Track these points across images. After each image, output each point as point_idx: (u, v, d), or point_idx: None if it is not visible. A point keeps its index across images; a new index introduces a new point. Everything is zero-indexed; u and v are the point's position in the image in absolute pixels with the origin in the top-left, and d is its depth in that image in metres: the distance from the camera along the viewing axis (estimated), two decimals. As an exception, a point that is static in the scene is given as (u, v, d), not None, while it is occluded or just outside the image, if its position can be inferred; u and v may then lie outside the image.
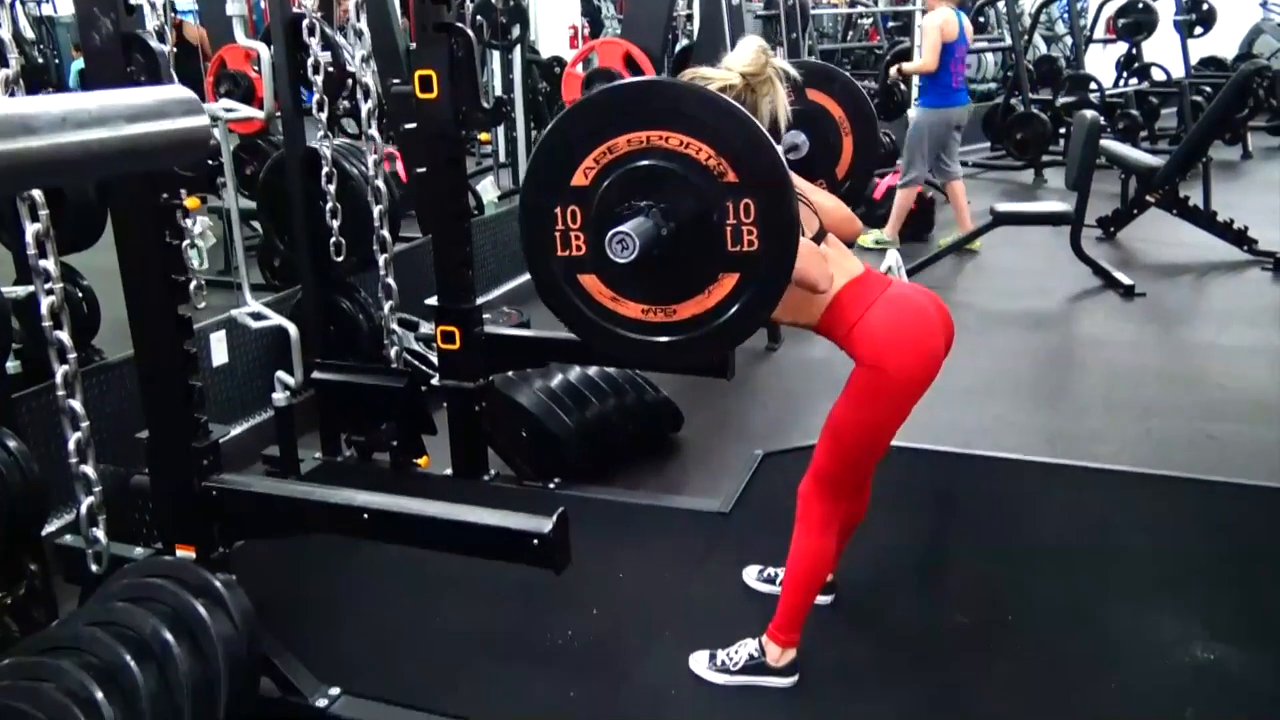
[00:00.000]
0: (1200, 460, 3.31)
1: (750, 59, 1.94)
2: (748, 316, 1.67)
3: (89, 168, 0.95)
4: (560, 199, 1.68)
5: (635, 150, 1.62)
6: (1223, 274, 5.66)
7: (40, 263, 2.07)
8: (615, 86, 1.69)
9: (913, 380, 1.96)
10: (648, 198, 1.62)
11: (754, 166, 1.58)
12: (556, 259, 1.71)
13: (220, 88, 4.23)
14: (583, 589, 2.48)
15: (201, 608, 1.92)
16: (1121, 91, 9.31)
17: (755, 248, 1.60)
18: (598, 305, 1.73)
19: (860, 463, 2.10)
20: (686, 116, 1.58)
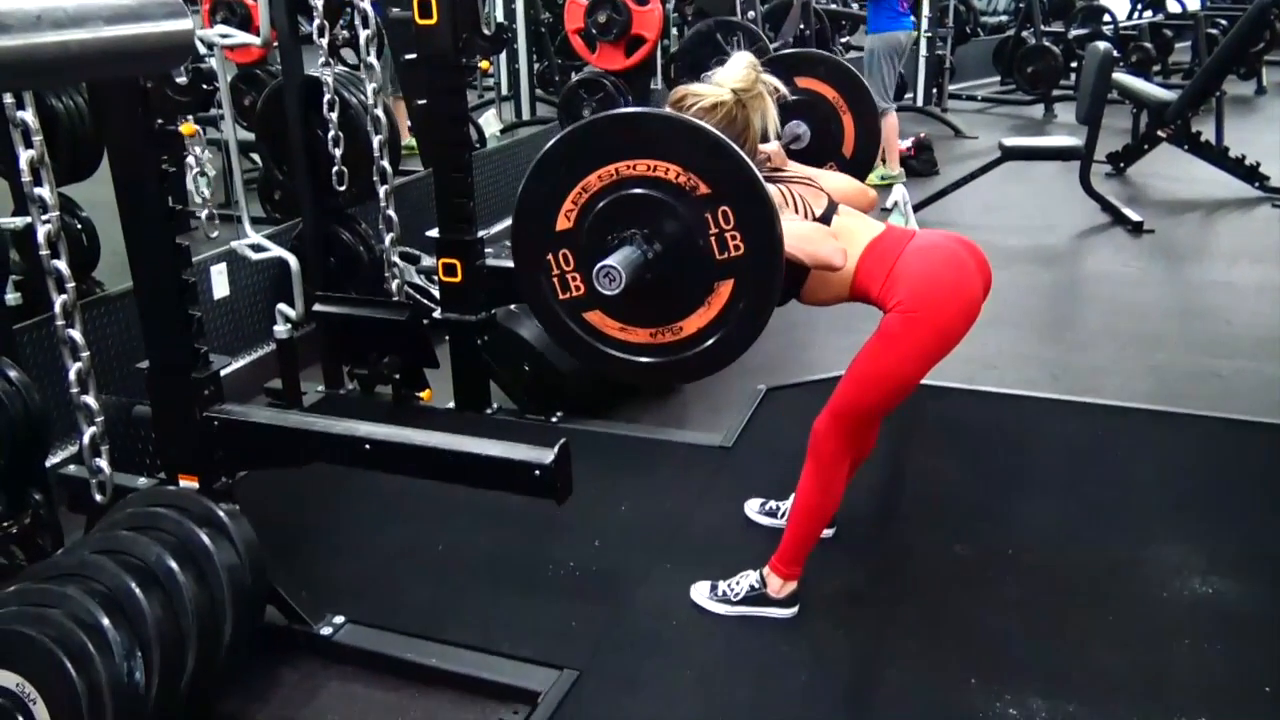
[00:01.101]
0: (1205, 396, 3.30)
1: (741, 75, 1.98)
2: (752, 316, 1.70)
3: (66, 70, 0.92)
4: (550, 246, 1.73)
5: (608, 184, 1.66)
6: (1233, 210, 5.60)
7: (35, 190, 2.04)
8: (571, 131, 1.73)
9: (948, 326, 1.95)
10: (630, 226, 1.66)
11: (722, 174, 1.61)
12: (560, 303, 1.77)
13: (216, 15, 4.15)
14: (585, 520, 2.50)
15: (206, 536, 1.93)
16: (1136, 24, 9.14)
17: (742, 251, 1.64)
18: (607, 338, 1.78)
19: (884, 407, 2.10)
20: (648, 141, 1.62)
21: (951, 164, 6.46)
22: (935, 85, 8.23)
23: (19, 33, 0.81)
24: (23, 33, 0.81)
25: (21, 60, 0.83)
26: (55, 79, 1.32)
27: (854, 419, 2.07)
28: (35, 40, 0.83)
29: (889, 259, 1.96)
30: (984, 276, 2.04)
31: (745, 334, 1.72)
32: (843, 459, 2.09)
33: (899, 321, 1.92)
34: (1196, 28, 8.82)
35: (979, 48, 9.40)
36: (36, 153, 2.04)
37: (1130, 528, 2.50)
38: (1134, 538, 2.46)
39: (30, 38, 0.82)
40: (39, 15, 0.82)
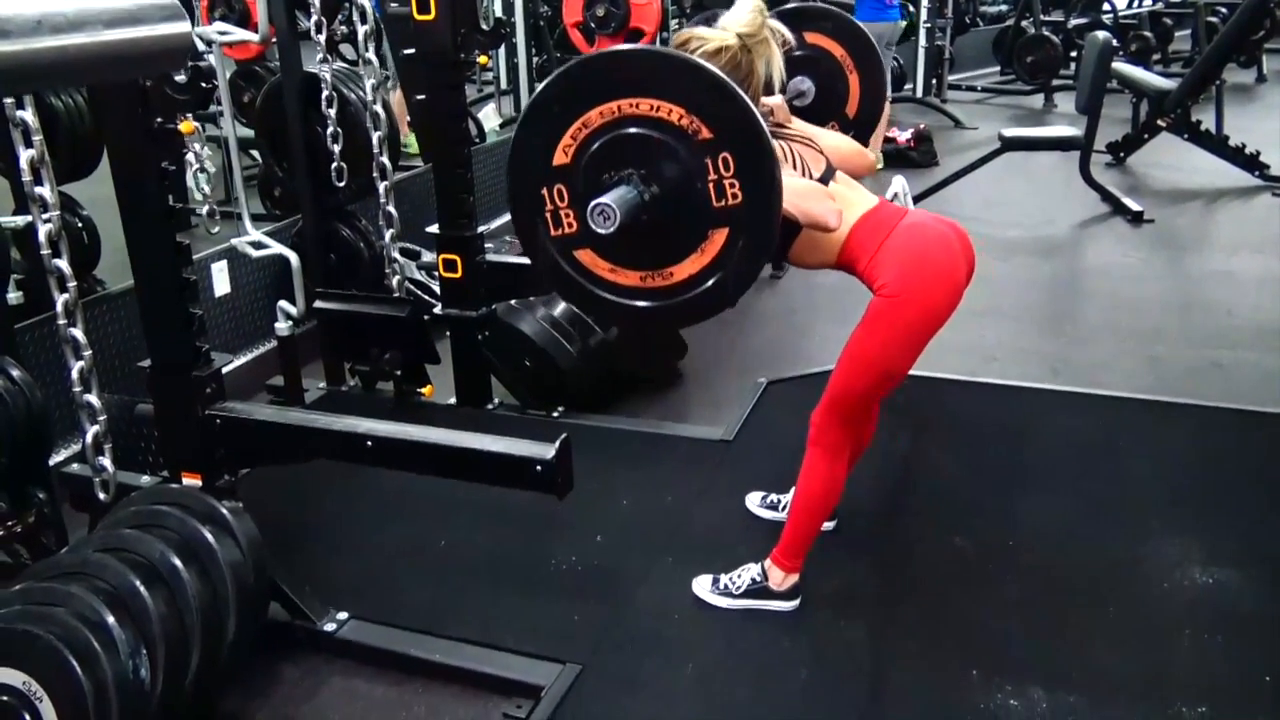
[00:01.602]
0: (1206, 387, 3.31)
1: (747, 20, 1.94)
2: (743, 268, 1.68)
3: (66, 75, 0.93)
4: (545, 180, 1.69)
5: (609, 121, 1.63)
6: (1233, 199, 5.60)
7: (36, 189, 2.04)
8: (576, 62, 1.70)
9: (934, 308, 1.95)
10: (628, 166, 1.63)
11: (726, 120, 1.58)
12: (551, 239, 1.73)
13: (215, 11, 4.15)
14: (586, 515, 2.51)
15: (209, 534, 1.93)
16: (1135, 12, 9.12)
17: (739, 200, 1.61)
18: (596, 278, 1.75)
19: (876, 391, 2.10)
20: (653, 81, 1.59)
21: (951, 155, 6.46)
22: (935, 76, 8.22)
23: (19, 38, 0.81)
24: (23, 38, 0.82)
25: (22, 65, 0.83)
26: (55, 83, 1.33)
27: (849, 405, 2.07)
28: (35, 45, 0.83)
29: (880, 234, 1.96)
30: (968, 260, 2.05)
31: (736, 285, 1.70)
32: (842, 449, 2.10)
33: (885, 304, 1.93)
34: (1196, 16, 8.81)
35: (978, 38, 9.38)
36: (37, 152, 2.04)
37: (1131, 521, 2.51)
38: (1134, 531, 2.46)
39: (30, 43, 0.82)
40: (39, 20, 0.83)
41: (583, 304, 1.81)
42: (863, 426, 2.26)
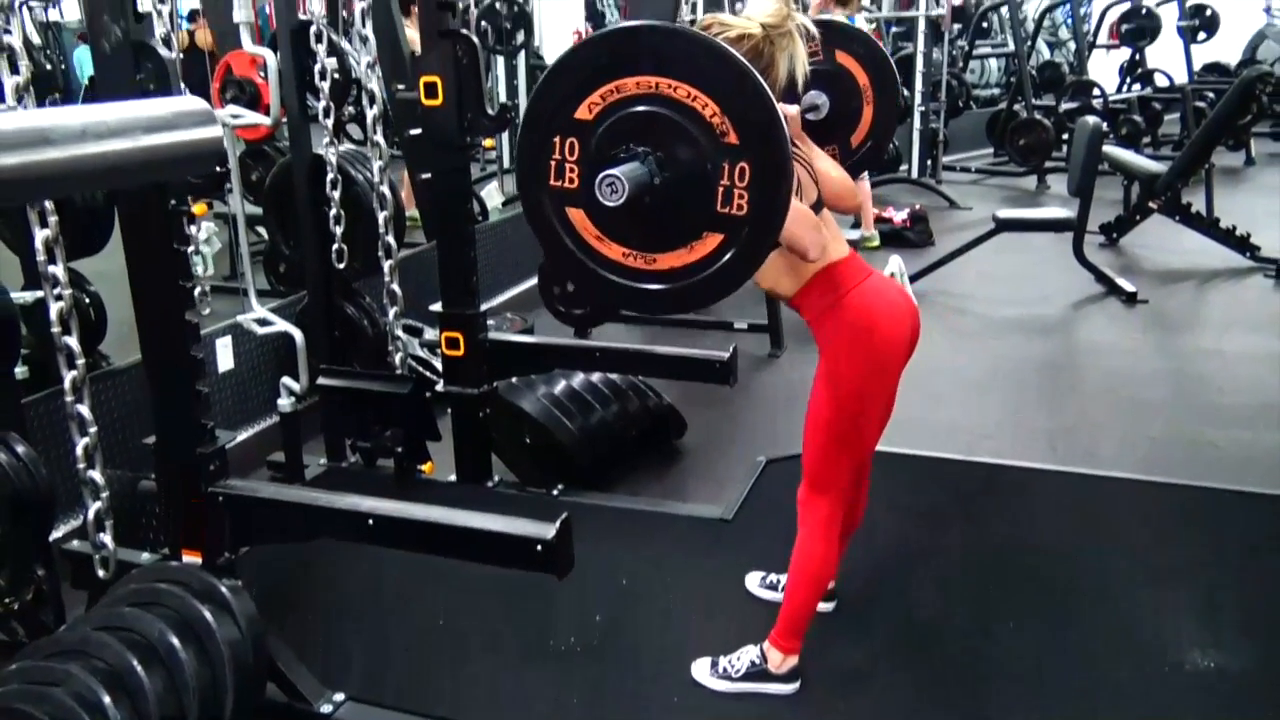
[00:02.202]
0: (1202, 465, 3.32)
1: (772, 10, 1.90)
2: (724, 278, 1.65)
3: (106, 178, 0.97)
4: (561, 129, 1.65)
5: (642, 94, 1.59)
6: (1225, 280, 5.67)
7: (49, 269, 2.08)
8: (635, 26, 1.64)
9: (871, 376, 2.00)
10: (645, 144, 1.60)
11: (757, 133, 1.56)
12: (548, 188, 1.69)
13: (226, 94, 4.24)
14: (586, 595, 2.50)
15: (207, 613, 1.93)
16: (1125, 97, 9.31)
17: (743, 212, 1.59)
18: (581, 240, 1.71)
19: (843, 455, 2.09)
20: (701, 70, 1.56)
21: (947, 235, 6.55)
22: (929, 157, 8.36)
23: (65, 145, 0.86)
24: (68, 145, 0.86)
25: (67, 171, 0.87)
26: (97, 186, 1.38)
27: (826, 475, 2.09)
28: (80, 152, 0.87)
29: (840, 289, 1.99)
30: (914, 334, 2.09)
31: (712, 291, 1.68)
32: (830, 525, 2.10)
33: (829, 366, 2.00)
34: (1184, 101, 9.00)
35: (971, 120, 9.57)
36: (52, 232, 2.09)
37: (1130, 602, 2.50)
38: (1134, 612, 2.46)
39: (75, 149, 0.87)
40: (83, 129, 0.87)
41: (557, 256, 1.74)
42: (848, 500, 2.24)
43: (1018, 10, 8.96)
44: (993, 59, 11.36)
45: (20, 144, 0.83)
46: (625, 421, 3.36)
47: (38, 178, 0.86)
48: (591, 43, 1.66)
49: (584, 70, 1.62)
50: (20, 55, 2.09)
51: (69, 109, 0.95)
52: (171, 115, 1.03)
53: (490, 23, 6.61)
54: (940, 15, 8.08)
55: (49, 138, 0.84)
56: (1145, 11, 9.41)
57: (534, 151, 1.68)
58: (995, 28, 11.34)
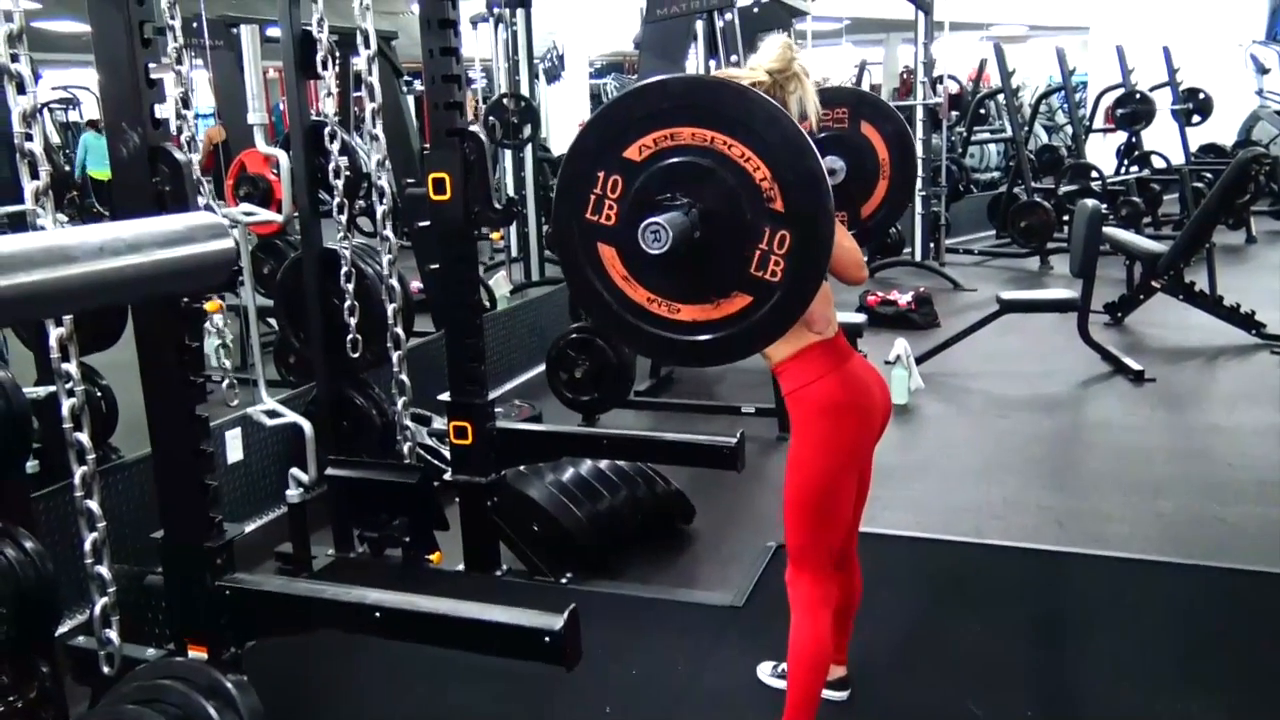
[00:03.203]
0: (1211, 542, 3.29)
1: (776, 55, 1.95)
2: (745, 340, 1.67)
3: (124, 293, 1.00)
4: (607, 164, 1.65)
5: (695, 145, 1.60)
6: (1231, 357, 5.68)
7: (63, 365, 2.12)
8: (702, 79, 1.69)
9: (839, 453, 2.02)
10: (690, 195, 1.61)
11: (804, 205, 1.57)
12: (583, 220, 1.69)
13: (240, 190, 4.35)
14: (594, 685, 2.47)
15: (212, 709, 1.91)
16: (1123, 179, 9.45)
17: (777, 279, 1.60)
18: (607, 279, 1.71)
19: (824, 533, 2.09)
20: (759, 134, 1.57)
21: (951, 316, 6.59)
22: (932, 240, 8.47)
23: (84, 262, 0.89)
24: (87, 261, 0.89)
25: (86, 287, 0.91)
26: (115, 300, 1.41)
27: (805, 555, 2.08)
28: (98, 268, 0.91)
29: (820, 368, 2.01)
30: (884, 413, 2.12)
31: (730, 350, 1.68)
32: (822, 604, 2.09)
33: (797, 441, 2.02)
34: (1182, 182, 9.13)
35: (973, 204, 9.72)
36: (66, 330, 2.13)
37: (1147, 685, 2.46)
38: (1151, 693, 2.41)
39: (94, 266, 0.90)
40: (101, 246, 0.91)
41: (579, 288, 1.75)
42: (837, 579, 2.21)
43: (1014, 97, 9.15)
44: (991, 144, 11.58)
45: (43, 262, 0.86)
46: (633, 508, 3.36)
47: (60, 293, 0.89)
48: (656, 86, 1.67)
49: (643, 111, 1.64)
50: (41, 160, 2.16)
51: (88, 228, 0.98)
52: (186, 230, 1.07)
53: (498, 117, 6.79)
54: (938, 104, 8.26)
55: (69, 255, 0.88)
56: (1139, 96, 9.60)
57: (575, 182, 1.70)
58: (993, 113, 11.58)
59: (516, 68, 7.11)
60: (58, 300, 0.91)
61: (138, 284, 0.97)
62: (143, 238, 0.96)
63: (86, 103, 9.77)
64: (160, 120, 1.98)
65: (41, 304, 0.90)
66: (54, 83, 10.05)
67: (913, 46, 8.22)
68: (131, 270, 0.93)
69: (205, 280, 1.13)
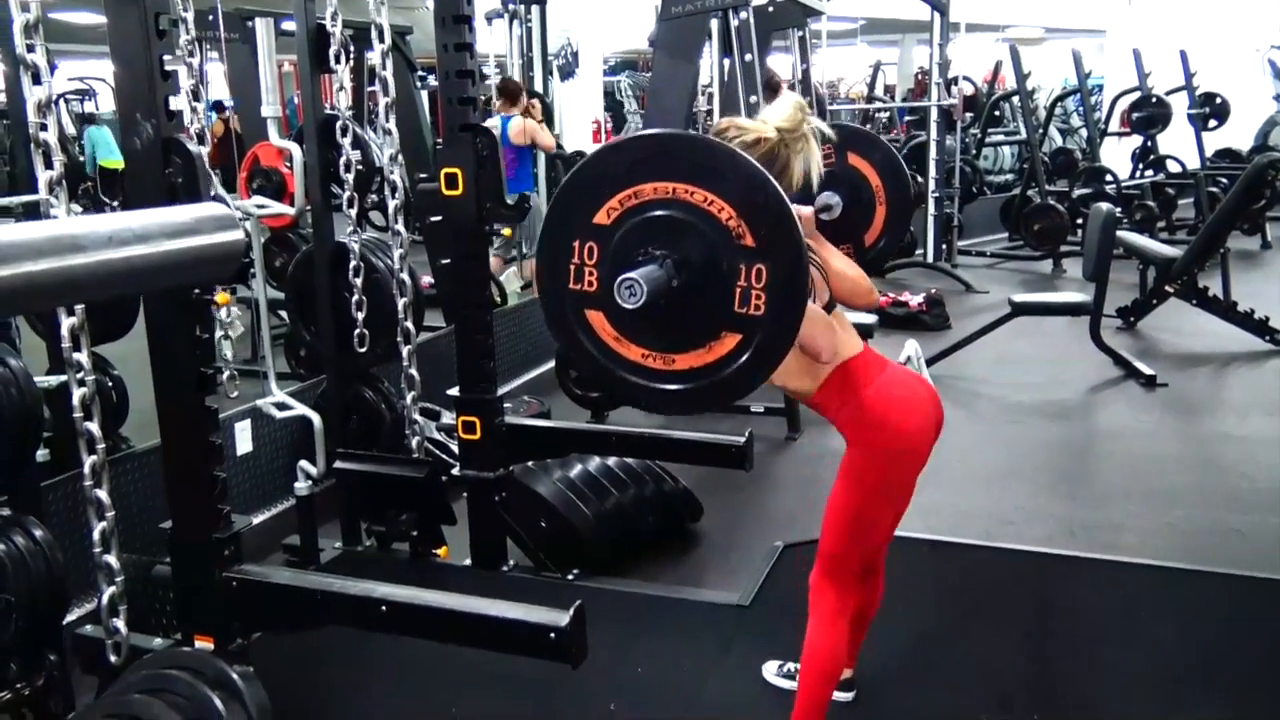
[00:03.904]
0: (1224, 551, 3.27)
1: (788, 115, 1.94)
2: (743, 377, 1.67)
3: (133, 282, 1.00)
4: (580, 234, 1.69)
5: (659, 199, 1.63)
6: (1244, 364, 5.64)
7: (74, 355, 2.12)
8: (652, 134, 1.70)
9: (894, 469, 2.00)
10: (663, 247, 1.64)
11: (774, 236, 1.59)
12: (568, 291, 1.72)
13: (253, 183, 4.35)
14: (601, 683, 2.46)
15: (218, 700, 1.91)
16: (1138, 183, 9.40)
17: (761, 313, 1.61)
18: (600, 342, 1.74)
19: (861, 545, 2.09)
20: (716, 175, 1.60)
21: (963, 318, 6.56)
22: (944, 242, 8.44)
23: (93, 251, 0.89)
24: (96, 251, 0.89)
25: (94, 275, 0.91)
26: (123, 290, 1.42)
27: (840, 562, 2.07)
28: (107, 257, 0.91)
29: (857, 386, 1.99)
30: (937, 424, 2.08)
31: (731, 390, 1.69)
32: (843, 611, 2.08)
33: (855, 455, 1.98)
34: (1198, 187, 9.07)
35: (986, 206, 9.67)
36: (78, 320, 2.13)
37: (1159, 693, 2.45)
38: (1164, 704, 2.40)
39: (103, 255, 0.90)
40: (110, 236, 0.91)
41: (579, 359, 1.78)
42: (862, 587, 2.23)
43: (1029, 99, 9.11)
44: (1006, 146, 11.52)
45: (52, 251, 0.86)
46: (641, 506, 3.35)
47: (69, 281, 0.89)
48: (609, 150, 1.71)
49: (603, 177, 1.68)
50: (55, 150, 2.16)
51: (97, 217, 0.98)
52: (194, 221, 1.07)
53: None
54: (953, 105, 8.23)
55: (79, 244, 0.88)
56: (1156, 100, 9.54)
57: (554, 256, 1.73)
58: (1007, 116, 11.53)
59: (531, 64, 7.10)
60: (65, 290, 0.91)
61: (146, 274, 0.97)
62: (151, 228, 0.96)
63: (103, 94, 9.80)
64: (174, 112, 1.98)
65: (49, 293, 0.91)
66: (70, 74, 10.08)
67: (928, 47, 8.18)
68: (140, 260, 0.93)
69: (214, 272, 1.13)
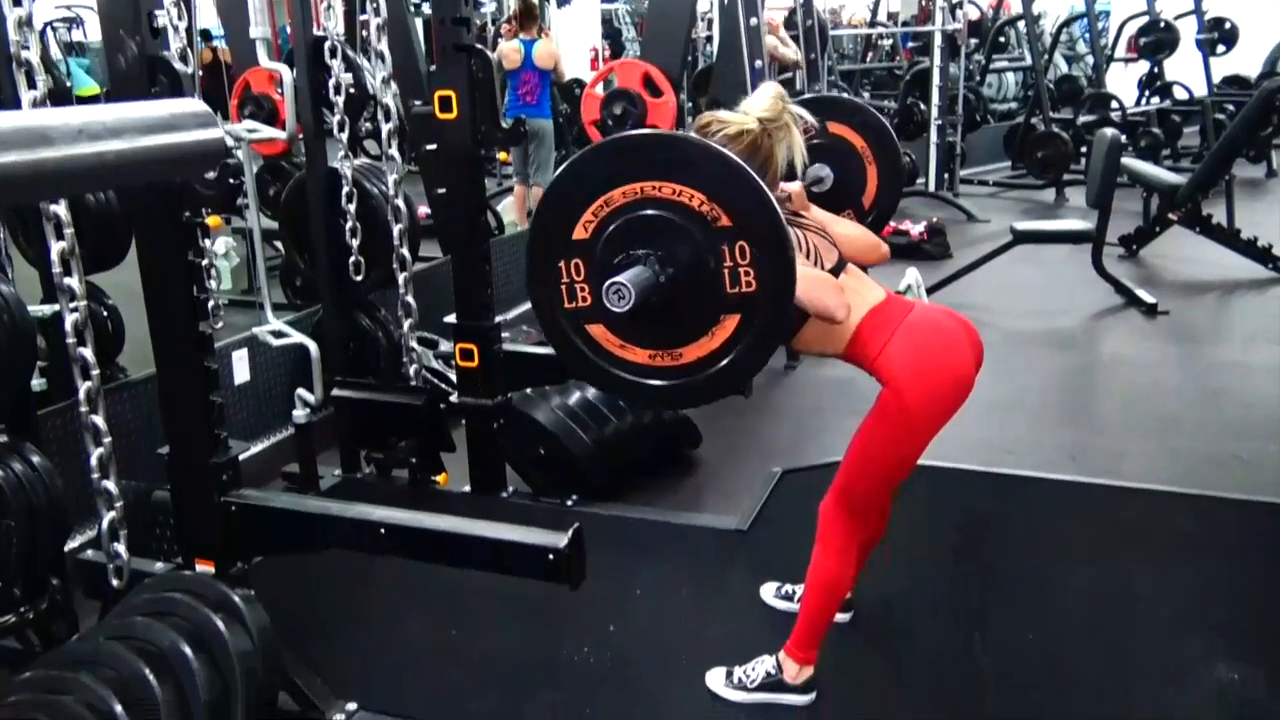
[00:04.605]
0: (1226, 479, 3.27)
1: (768, 104, 1.97)
2: (753, 354, 1.69)
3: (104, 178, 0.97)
4: (563, 253, 1.71)
5: (631, 201, 1.65)
6: (1247, 291, 5.61)
7: (65, 280, 2.09)
8: (605, 143, 1.73)
9: (941, 402, 1.96)
10: (645, 246, 1.66)
11: (746, 209, 1.61)
12: (564, 311, 1.75)
13: (244, 110, 4.28)
14: (600, 606, 2.48)
15: (220, 622, 1.93)
16: (1143, 110, 9.27)
17: (753, 288, 1.63)
18: (606, 353, 1.76)
19: (885, 483, 2.09)
20: (678, 166, 1.62)
21: (964, 248, 6.52)
22: (946, 170, 8.35)
23: (62, 145, 0.86)
24: (65, 145, 0.86)
25: (64, 170, 0.88)
26: (95, 186, 1.38)
27: (858, 498, 2.06)
28: (76, 151, 0.88)
29: (888, 329, 1.97)
30: (976, 354, 2.06)
31: (743, 371, 1.70)
32: (851, 540, 2.08)
33: (892, 398, 1.94)
34: (1204, 114, 8.95)
35: (989, 134, 9.55)
36: (67, 244, 2.10)
37: (1153, 615, 2.46)
38: (1157, 625, 2.42)
39: (72, 149, 0.87)
40: (80, 129, 0.87)
41: (591, 377, 1.81)
42: (874, 518, 2.25)
43: (1035, 25, 8.94)
44: (1010, 73, 11.34)
45: (19, 143, 0.83)
46: (639, 433, 3.35)
47: (36, 175, 0.86)
48: (568, 171, 1.73)
49: (571, 193, 1.69)
50: (38, 70, 2.10)
51: (67, 109, 0.95)
52: (170, 116, 1.03)
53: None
54: (957, 30, 8.08)
55: (47, 136, 0.84)
56: (1164, 25, 9.36)
57: (542, 280, 1.75)
58: (1012, 42, 11.32)
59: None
60: (33, 183, 0.87)
61: (119, 170, 0.93)
62: (125, 122, 0.92)
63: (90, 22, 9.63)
64: (159, 30, 1.93)
65: (16, 187, 0.87)
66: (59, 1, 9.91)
67: (933, -30, 8.01)
68: (112, 156, 0.90)
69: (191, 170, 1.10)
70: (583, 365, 1.79)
